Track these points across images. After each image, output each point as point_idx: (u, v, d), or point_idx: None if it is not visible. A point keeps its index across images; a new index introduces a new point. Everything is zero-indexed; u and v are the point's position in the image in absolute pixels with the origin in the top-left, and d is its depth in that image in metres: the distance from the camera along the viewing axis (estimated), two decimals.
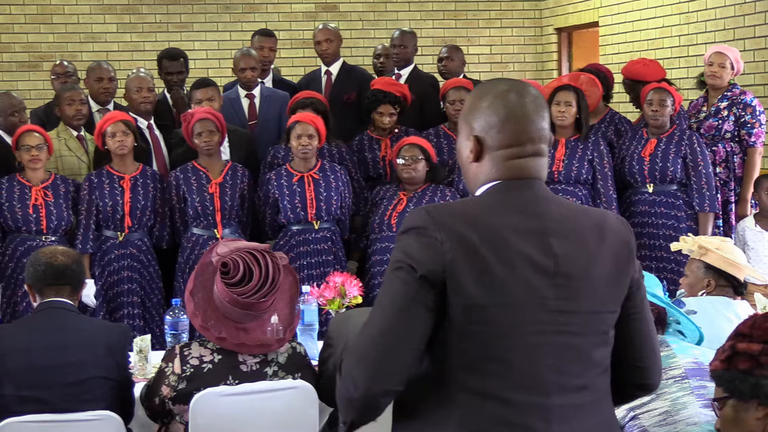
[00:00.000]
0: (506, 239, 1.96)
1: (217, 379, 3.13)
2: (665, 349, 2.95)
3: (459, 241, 1.93)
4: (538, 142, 2.06)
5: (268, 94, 6.25)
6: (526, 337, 1.95)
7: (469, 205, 2.06)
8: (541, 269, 1.96)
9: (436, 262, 1.92)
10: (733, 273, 3.78)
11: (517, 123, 2.04)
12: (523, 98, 2.06)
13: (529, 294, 1.95)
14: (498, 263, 1.94)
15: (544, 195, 2.05)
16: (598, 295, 2.02)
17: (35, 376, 3.16)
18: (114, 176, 5.26)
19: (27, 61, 8.91)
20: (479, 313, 1.93)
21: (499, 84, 2.11)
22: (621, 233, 2.09)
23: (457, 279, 1.92)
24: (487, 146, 2.05)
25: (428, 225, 1.94)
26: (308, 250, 5.29)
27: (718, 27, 7.33)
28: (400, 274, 1.94)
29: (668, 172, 5.61)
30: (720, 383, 2.27)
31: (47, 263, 3.32)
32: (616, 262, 2.05)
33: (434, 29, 9.49)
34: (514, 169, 2.04)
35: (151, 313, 5.33)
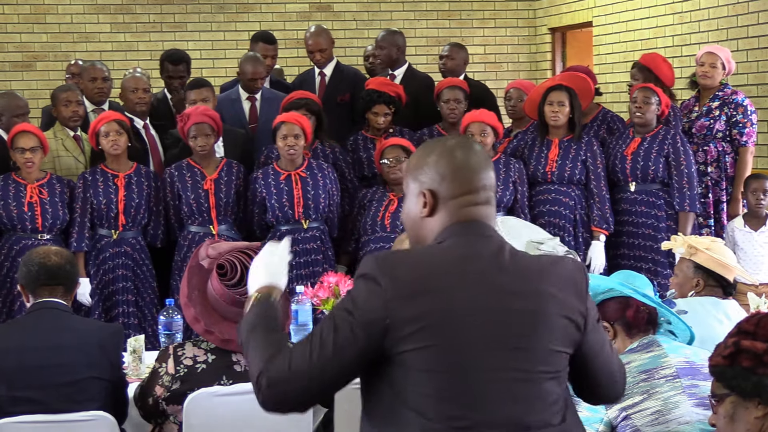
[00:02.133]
0: (454, 284, 2.01)
1: (210, 380, 3.13)
2: (656, 349, 2.96)
3: (404, 290, 1.98)
4: (489, 190, 2.13)
5: (269, 96, 6.22)
6: (479, 375, 1.98)
7: (420, 252, 2.11)
8: (490, 310, 2.00)
9: (377, 311, 1.97)
10: (722, 273, 3.80)
11: (468, 171, 2.11)
12: (469, 152, 2.14)
13: (478, 335, 1.99)
14: (445, 308, 1.98)
15: (495, 239, 2.10)
16: (552, 333, 2.04)
17: (28, 377, 3.16)
18: (108, 174, 5.26)
19: (20, 61, 8.89)
20: (430, 359, 1.97)
21: (445, 141, 2.18)
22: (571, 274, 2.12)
23: (401, 328, 1.97)
24: (441, 197, 2.11)
25: (376, 274, 2.00)
26: (297, 250, 5.26)
27: (711, 27, 7.35)
28: (338, 319, 2.00)
29: (650, 171, 5.62)
30: (720, 379, 2.27)
31: (40, 263, 3.31)
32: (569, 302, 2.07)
33: (428, 29, 9.50)
34: (468, 215, 2.09)
35: (144, 313, 5.33)
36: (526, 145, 5.82)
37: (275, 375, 2.01)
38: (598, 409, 2.87)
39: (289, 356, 2.02)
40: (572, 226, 5.63)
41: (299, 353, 2.02)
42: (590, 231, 5.65)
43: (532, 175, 5.67)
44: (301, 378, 2.00)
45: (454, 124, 5.90)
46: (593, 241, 5.63)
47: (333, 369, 2.00)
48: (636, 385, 2.86)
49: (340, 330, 1.99)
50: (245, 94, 6.19)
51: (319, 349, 1.99)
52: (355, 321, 1.98)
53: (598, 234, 5.62)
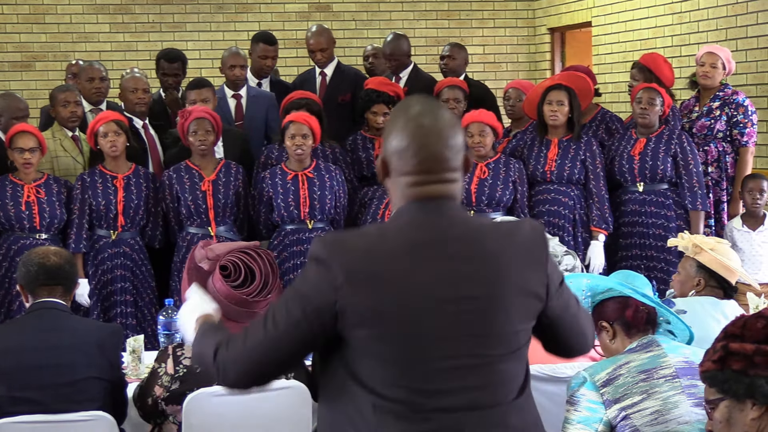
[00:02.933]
0: (405, 269, 1.98)
1: (210, 380, 3.12)
2: (656, 349, 2.96)
3: (354, 275, 1.97)
4: (439, 172, 2.05)
5: (254, 94, 6.28)
6: (432, 363, 1.98)
7: (369, 234, 2.10)
8: (443, 296, 1.98)
9: (328, 295, 1.97)
10: (724, 275, 3.80)
11: (417, 153, 2.04)
12: (429, 125, 2.04)
13: (430, 322, 1.97)
14: (396, 295, 1.97)
15: (449, 216, 2.05)
16: (508, 315, 2.03)
17: (27, 377, 3.16)
18: (107, 175, 5.26)
19: (19, 61, 8.89)
20: (382, 345, 1.97)
21: (414, 106, 2.09)
22: (531, 244, 2.09)
23: (352, 313, 1.97)
24: (392, 169, 2.08)
25: (325, 257, 1.99)
26: (302, 250, 5.29)
27: (710, 27, 7.35)
28: (290, 301, 2.02)
29: (658, 171, 5.62)
30: (713, 384, 2.27)
31: (39, 263, 3.31)
32: (526, 277, 2.06)
33: (427, 29, 9.50)
34: (415, 195, 2.05)
35: (143, 313, 5.33)
36: (525, 144, 5.82)
37: (232, 349, 2.06)
38: (597, 409, 2.86)
39: (245, 334, 2.06)
40: (571, 226, 5.63)
41: (253, 331, 2.05)
42: (589, 231, 5.65)
43: (531, 174, 5.67)
44: (255, 352, 2.03)
45: None
46: (592, 241, 5.63)
47: (285, 347, 2.02)
48: (635, 384, 2.86)
49: (291, 310, 2.00)
50: (230, 92, 6.24)
51: (271, 327, 2.02)
52: (306, 304, 1.99)
53: (597, 234, 5.62)
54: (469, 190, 5.50)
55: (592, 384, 2.88)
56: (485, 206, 5.50)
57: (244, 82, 6.27)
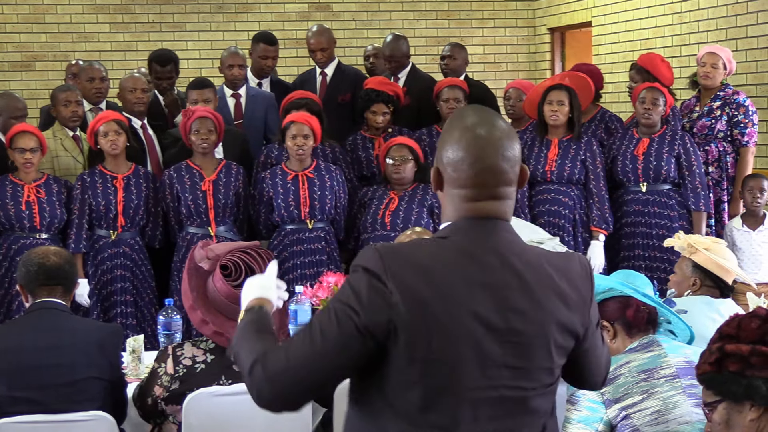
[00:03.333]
0: (457, 293, 1.93)
1: (209, 380, 3.13)
2: (656, 349, 2.96)
3: (409, 294, 1.91)
4: (494, 187, 2.00)
5: (253, 93, 6.29)
6: (469, 392, 1.94)
7: (424, 250, 2.00)
8: (491, 326, 1.94)
9: (382, 312, 1.90)
10: (720, 275, 3.81)
11: (472, 165, 1.99)
12: (486, 136, 1.99)
13: (475, 351, 1.93)
14: (446, 319, 1.92)
15: (504, 241, 2.00)
16: (548, 352, 2.00)
17: (27, 377, 3.15)
18: (107, 176, 5.26)
19: (19, 61, 8.89)
20: (423, 368, 1.92)
21: (471, 116, 2.05)
22: (581, 279, 2.06)
23: (402, 332, 1.90)
24: (445, 180, 2.04)
25: (380, 272, 1.92)
26: (302, 250, 5.29)
27: (710, 27, 7.35)
28: (341, 313, 1.92)
29: (662, 171, 5.62)
30: (710, 386, 2.26)
31: (39, 263, 3.31)
32: (571, 317, 2.03)
33: (427, 29, 9.50)
34: (471, 211, 2.00)
35: (143, 313, 5.33)
36: (525, 144, 5.82)
37: (272, 366, 1.94)
38: (598, 409, 2.86)
39: (286, 348, 1.95)
40: (572, 226, 5.63)
41: (297, 345, 1.94)
42: (589, 231, 5.65)
43: (531, 174, 5.67)
44: (300, 369, 1.92)
45: None
46: (592, 240, 5.63)
47: (333, 363, 1.92)
48: (636, 384, 2.86)
49: (342, 324, 1.91)
50: (230, 91, 6.24)
51: (321, 342, 1.91)
52: (359, 319, 1.90)
53: (597, 234, 5.62)
54: None
55: None
56: None
57: (243, 81, 6.27)
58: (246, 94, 6.25)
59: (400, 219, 5.24)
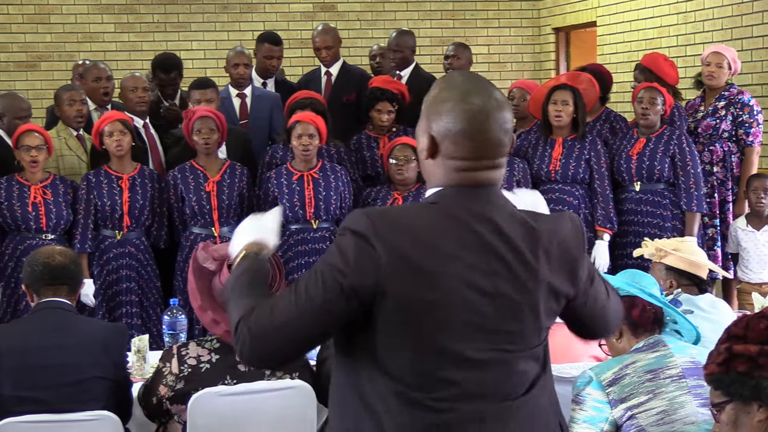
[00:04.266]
0: (446, 257, 1.93)
1: (214, 379, 3.13)
2: (662, 349, 2.95)
3: (397, 257, 1.91)
4: (493, 158, 2.00)
5: (259, 93, 6.29)
6: (457, 355, 1.94)
7: (413, 214, 2.00)
8: (479, 289, 1.95)
9: (369, 274, 1.90)
10: (694, 272, 3.83)
11: (475, 139, 1.97)
12: (486, 108, 1.97)
13: (464, 314, 1.94)
14: (434, 283, 1.92)
15: (493, 205, 2.00)
16: (537, 315, 2.00)
17: (33, 377, 3.16)
18: (112, 176, 5.26)
19: (24, 61, 8.91)
20: (410, 331, 1.93)
21: (464, 84, 2.02)
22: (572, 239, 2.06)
23: (390, 295, 1.91)
24: (441, 151, 2.01)
25: (369, 234, 1.91)
26: (306, 250, 5.29)
27: (715, 27, 7.34)
28: (326, 275, 1.92)
29: (655, 171, 5.61)
30: (718, 387, 2.26)
31: (45, 263, 3.31)
32: (561, 279, 2.03)
33: (432, 29, 9.50)
34: (463, 179, 2.00)
35: (148, 313, 5.33)
36: (529, 144, 5.82)
37: (257, 325, 1.95)
38: (603, 409, 2.86)
39: (272, 306, 1.96)
40: None
41: (283, 305, 1.95)
42: (594, 230, 5.65)
43: (535, 174, 5.67)
44: (283, 329, 1.93)
45: None
46: (597, 240, 5.63)
47: (316, 323, 1.93)
48: (641, 384, 2.86)
49: (328, 285, 1.91)
50: (235, 91, 6.24)
51: (305, 302, 1.92)
52: (345, 280, 1.90)
53: (601, 233, 5.62)
54: None
55: (598, 383, 2.88)
56: None
57: (248, 81, 6.27)
58: (251, 94, 6.25)
59: None
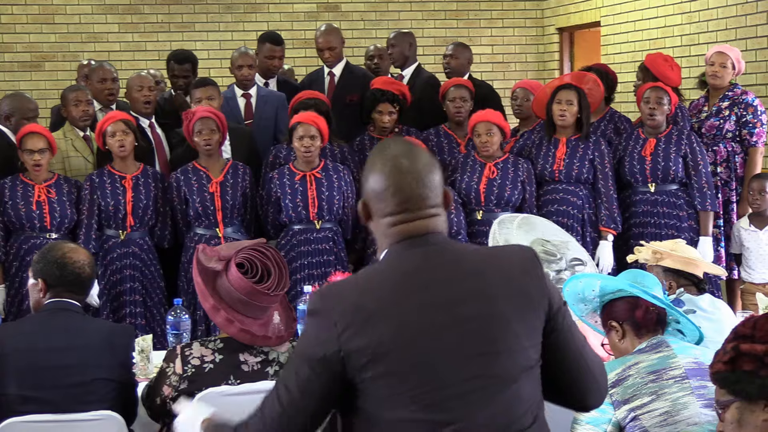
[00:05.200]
0: (401, 304, 1.99)
1: (218, 379, 3.13)
2: (665, 350, 2.95)
3: (353, 316, 1.98)
4: (418, 210, 2.07)
5: (264, 94, 6.30)
6: (447, 390, 1.96)
7: (361, 278, 2.10)
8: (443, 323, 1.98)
9: (331, 344, 1.97)
10: (690, 271, 3.84)
11: (396, 195, 2.06)
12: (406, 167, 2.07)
13: (440, 349, 1.97)
14: (398, 330, 1.96)
15: (438, 246, 2.07)
16: (511, 330, 2.01)
17: (38, 377, 3.15)
18: (116, 176, 5.27)
19: (29, 61, 8.92)
20: (389, 382, 1.96)
21: (392, 149, 2.12)
22: (521, 266, 2.08)
23: (356, 357, 1.96)
24: (373, 212, 2.10)
25: (321, 308, 2.01)
26: (309, 250, 5.29)
27: (719, 27, 7.33)
28: (297, 362, 2.04)
29: (670, 172, 5.62)
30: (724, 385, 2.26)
31: (74, 273, 3.29)
32: (520, 298, 2.05)
33: (436, 29, 9.50)
34: (401, 232, 2.07)
35: (152, 312, 5.34)
36: (533, 144, 5.82)
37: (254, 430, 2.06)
38: (606, 410, 2.86)
39: (261, 412, 2.07)
40: (580, 226, 5.62)
41: (269, 406, 2.06)
42: (598, 231, 5.65)
43: (539, 174, 5.67)
44: (277, 424, 2.03)
45: (460, 123, 5.91)
46: (601, 240, 5.63)
47: (305, 410, 2.02)
48: (645, 385, 2.86)
49: (300, 371, 2.01)
50: (240, 91, 6.26)
51: (287, 396, 2.02)
52: (312, 359, 1.99)
53: (606, 234, 5.62)
54: (477, 190, 5.50)
55: None
56: (494, 206, 5.50)
57: (253, 82, 6.28)
58: (256, 95, 6.26)
59: None
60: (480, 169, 5.54)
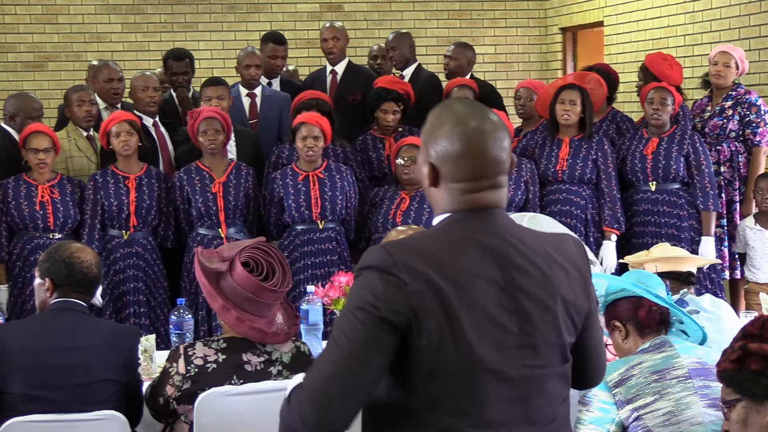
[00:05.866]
0: (467, 278, 1.94)
1: (221, 379, 3.13)
2: (668, 349, 2.95)
3: (423, 282, 1.91)
4: (494, 176, 2.02)
5: (269, 94, 6.31)
6: (492, 374, 1.95)
7: (429, 242, 2.01)
8: (503, 306, 1.95)
9: (401, 303, 1.90)
10: (678, 268, 3.84)
11: (474, 158, 1.99)
12: (483, 128, 2.00)
13: (494, 331, 1.94)
14: (462, 303, 1.92)
15: (503, 224, 2.02)
16: (558, 328, 2.01)
17: (43, 376, 3.15)
18: (119, 176, 5.27)
19: (32, 61, 8.92)
20: (445, 354, 1.92)
21: (460, 109, 2.05)
22: (578, 261, 2.08)
23: (423, 321, 1.90)
24: (443, 176, 2.02)
25: (390, 265, 1.91)
26: (312, 250, 5.29)
27: (723, 26, 7.32)
28: (359, 314, 1.91)
29: (671, 171, 5.61)
30: (730, 384, 2.26)
31: (82, 273, 3.29)
32: (574, 292, 2.05)
33: (438, 29, 9.49)
34: (470, 202, 2.01)
35: (155, 312, 5.34)
36: (536, 144, 5.82)
37: (309, 387, 1.92)
38: (610, 410, 2.86)
39: (318, 365, 1.94)
40: (583, 226, 5.62)
41: (327, 358, 1.93)
42: (601, 231, 5.64)
43: (542, 174, 5.67)
44: (336, 379, 1.89)
45: None
46: (604, 240, 5.62)
47: (366, 364, 1.90)
48: (648, 385, 2.85)
49: (366, 324, 1.89)
50: (245, 90, 6.26)
51: (349, 347, 1.90)
52: (379, 313, 1.89)
53: (609, 234, 5.62)
54: None
55: (605, 384, 2.87)
56: None
57: (258, 81, 6.29)
58: (261, 94, 6.27)
59: (411, 219, 5.24)
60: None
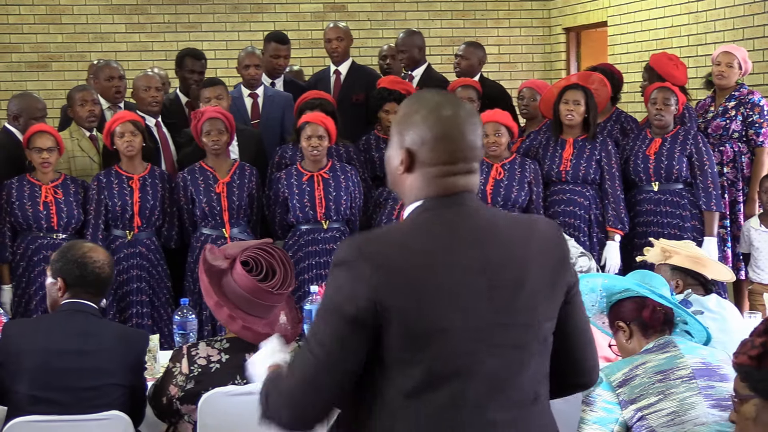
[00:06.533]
0: (438, 260, 1.95)
1: (224, 379, 3.13)
2: (672, 350, 2.95)
3: (388, 270, 1.92)
4: (471, 161, 2.04)
5: (271, 94, 6.32)
6: (468, 355, 1.95)
7: (399, 230, 2.04)
8: (475, 286, 1.96)
9: (367, 297, 1.91)
10: (699, 270, 3.82)
11: (452, 141, 2.02)
12: (458, 115, 2.03)
13: (467, 312, 1.95)
14: (434, 289, 1.93)
15: (474, 207, 2.04)
16: (534, 306, 2.01)
17: (50, 378, 3.15)
18: (123, 176, 5.28)
19: (36, 62, 8.94)
20: (418, 340, 1.93)
21: (434, 97, 2.07)
22: (552, 239, 2.08)
23: (390, 310, 1.91)
24: (418, 161, 2.03)
25: (356, 258, 1.94)
26: (317, 250, 5.29)
27: (726, 27, 7.32)
28: (328, 316, 1.95)
29: (674, 171, 5.61)
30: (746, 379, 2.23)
31: (94, 273, 3.28)
32: (550, 270, 2.04)
33: (442, 29, 9.49)
34: (444, 186, 2.02)
35: (159, 312, 5.34)
36: (540, 144, 5.81)
37: (283, 387, 2.00)
38: (613, 410, 2.86)
39: (291, 367, 2.01)
40: (587, 226, 5.62)
41: (299, 360, 1.99)
42: (605, 231, 5.64)
43: (546, 174, 5.66)
44: (309, 380, 1.96)
45: None
46: (608, 241, 5.62)
47: (337, 364, 1.94)
48: (652, 385, 2.85)
49: (333, 323, 1.93)
50: (247, 90, 6.27)
51: (318, 348, 1.94)
52: (345, 310, 1.92)
53: (612, 234, 5.61)
54: (484, 191, 5.49)
55: (608, 384, 2.87)
56: (501, 207, 5.48)
57: (260, 81, 6.29)
58: (263, 94, 6.28)
59: None
60: (487, 170, 5.53)
